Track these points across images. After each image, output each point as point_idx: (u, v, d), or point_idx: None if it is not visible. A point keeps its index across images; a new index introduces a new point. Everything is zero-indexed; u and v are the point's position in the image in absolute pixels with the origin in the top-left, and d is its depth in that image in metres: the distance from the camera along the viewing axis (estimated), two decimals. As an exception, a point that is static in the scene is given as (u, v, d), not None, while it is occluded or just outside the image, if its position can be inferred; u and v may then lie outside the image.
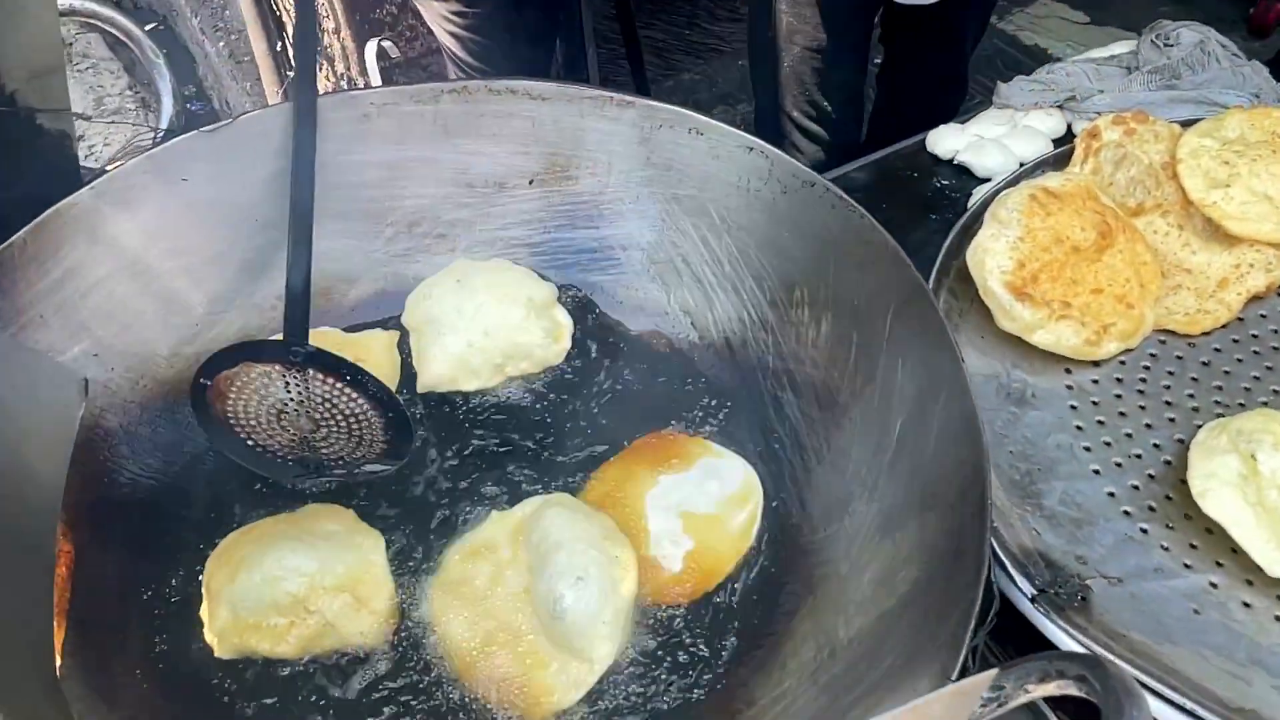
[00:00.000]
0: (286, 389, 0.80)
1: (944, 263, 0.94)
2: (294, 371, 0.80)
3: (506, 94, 0.97)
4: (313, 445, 0.82)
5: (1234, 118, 0.99)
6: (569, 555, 0.76)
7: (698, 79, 2.67)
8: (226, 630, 0.76)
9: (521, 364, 0.93)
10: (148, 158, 0.90)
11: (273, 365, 0.80)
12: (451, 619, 0.78)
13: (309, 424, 0.81)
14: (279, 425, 0.81)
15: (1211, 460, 0.78)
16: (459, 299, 0.92)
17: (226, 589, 0.77)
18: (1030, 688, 0.56)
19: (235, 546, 0.81)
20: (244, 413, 0.81)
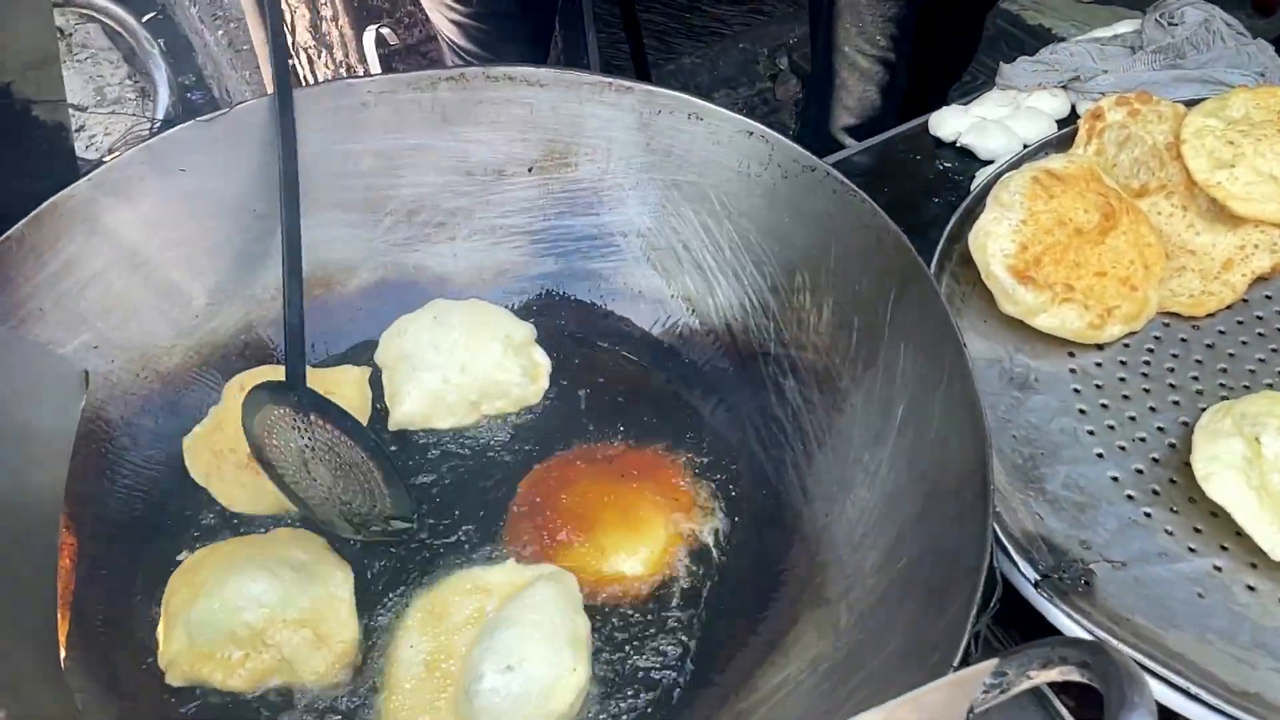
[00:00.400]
0: (300, 435, 0.78)
1: (946, 246, 0.93)
2: (301, 416, 0.78)
3: (504, 81, 0.96)
4: (342, 499, 0.79)
5: (1239, 97, 0.98)
6: (516, 638, 0.71)
7: (699, 63, 2.65)
8: (179, 657, 0.75)
9: (498, 402, 0.91)
10: (145, 148, 0.89)
11: (284, 409, 0.77)
12: (398, 677, 0.75)
13: (328, 475, 0.79)
14: (309, 475, 0.79)
15: (1215, 444, 0.78)
16: (435, 335, 0.90)
17: (184, 613, 0.75)
18: (1033, 674, 0.56)
19: (199, 567, 0.78)
20: (282, 460, 0.79)
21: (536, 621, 0.72)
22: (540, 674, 0.70)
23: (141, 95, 2.73)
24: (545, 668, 0.70)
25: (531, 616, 0.73)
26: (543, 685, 0.70)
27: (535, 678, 0.70)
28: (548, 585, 0.76)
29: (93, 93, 2.76)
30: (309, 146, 0.93)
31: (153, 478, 0.86)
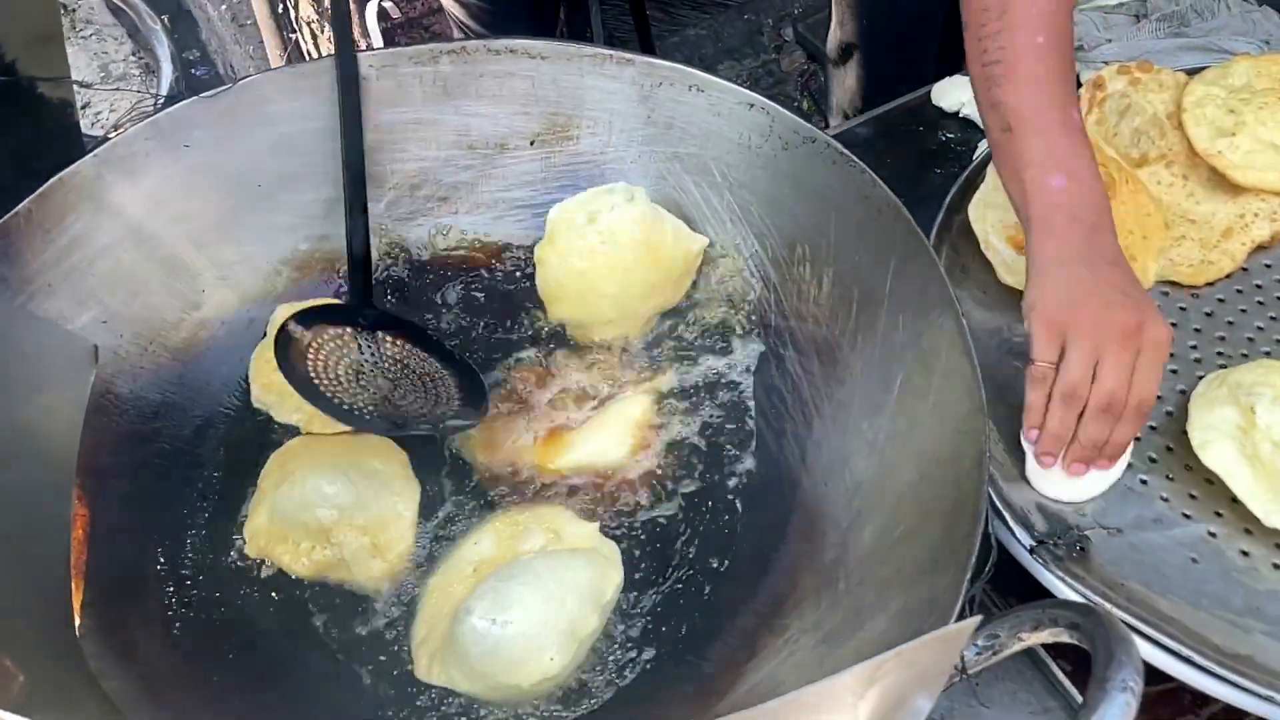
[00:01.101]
0: (360, 350, 0.84)
1: (946, 218, 0.94)
2: (364, 334, 0.84)
3: (506, 54, 0.96)
4: (394, 402, 0.84)
5: (1241, 65, 0.98)
6: (522, 597, 0.72)
7: (703, 34, 2.64)
8: (259, 531, 0.81)
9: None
10: (150, 124, 0.90)
11: (344, 328, 0.83)
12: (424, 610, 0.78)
13: (386, 383, 0.84)
14: (359, 385, 0.84)
15: (1211, 412, 0.78)
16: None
17: (271, 494, 0.82)
18: (1024, 635, 0.57)
19: (295, 454, 0.85)
20: (325, 373, 0.83)
21: (551, 595, 0.73)
22: (518, 646, 0.71)
23: (146, 72, 2.73)
24: (526, 644, 0.71)
25: (552, 586, 0.73)
26: (513, 656, 0.70)
27: (511, 643, 0.70)
28: (589, 567, 0.76)
29: (97, 69, 2.76)
30: (311, 122, 0.94)
31: (162, 450, 0.87)
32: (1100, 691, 0.48)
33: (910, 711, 0.40)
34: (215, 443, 0.89)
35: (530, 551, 0.79)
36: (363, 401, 0.83)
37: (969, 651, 0.58)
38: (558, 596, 0.73)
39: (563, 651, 0.72)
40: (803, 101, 2.42)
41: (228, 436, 0.89)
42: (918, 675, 0.38)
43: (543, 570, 0.75)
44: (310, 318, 0.84)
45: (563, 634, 0.72)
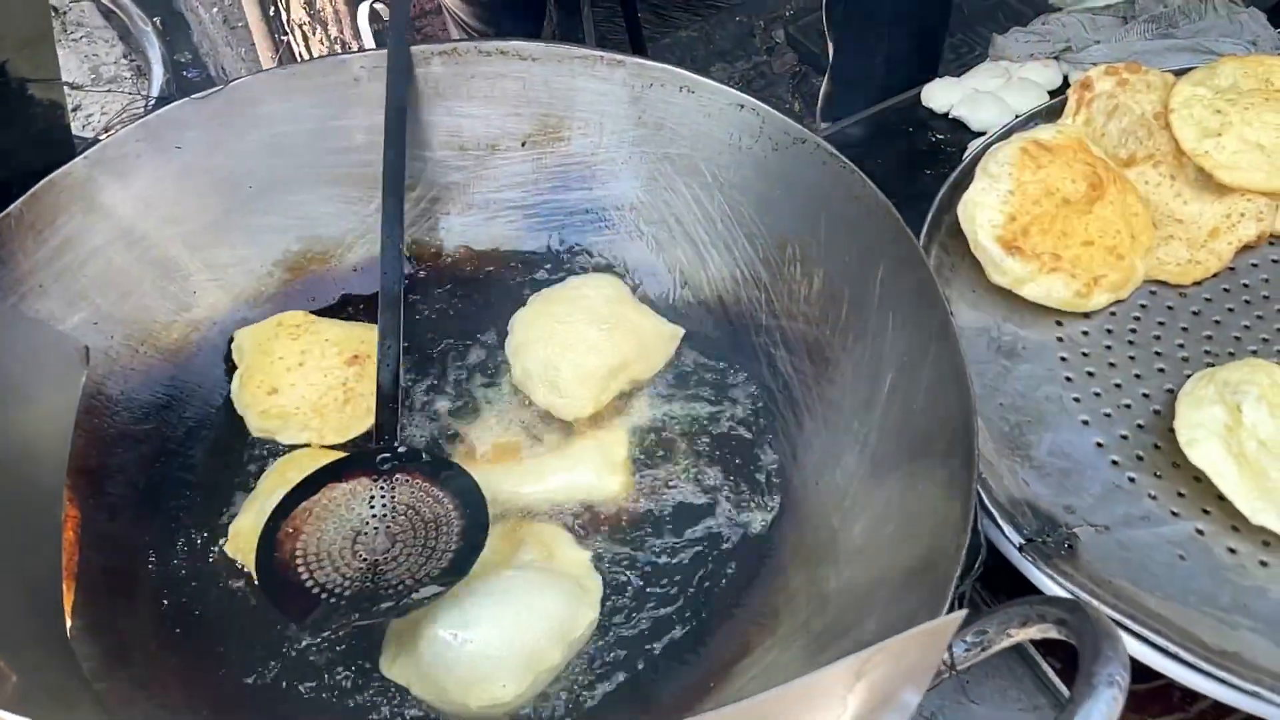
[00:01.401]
0: (370, 505, 0.75)
1: (935, 217, 0.94)
2: (380, 482, 0.76)
3: (496, 55, 0.96)
4: (379, 570, 0.73)
5: (1227, 66, 0.99)
6: (491, 619, 0.70)
7: (694, 36, 2.64)
8: (242, 532, 0.80)
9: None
10: (141, 125, 0.90)
11: (358, 480, 0.75)
12: None
13: (385, 542, 0.74)
14: (351, 552, 0.74)
15: (1198, 411, 0.79)
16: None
17: (264, 499, 0.79)
18: (1012, 632, 0.58)
19: (299, 464, 0.82)
20: (316, 546, 0.73)
21: (518, 620, 0.71)
22: (472, 665, 0.70)
23: (137, 74, 2.73)
24: (481, 665, 0.69)
25: (521, 612, 0.71)
26: (466, 674, 0.69)
27: (467, 661, 0.70)
28: (564, 599, 0.74)
29: (88, 72, 2.75)
30: (303, 123, 0.94)
31: (154, 451, 0.87)
32: (1087, 686, 0.48)
33: (898, 705, 0.40)
34: (207, 444, 0.89)
35: (518, 566, 0.77)
36: (341, 577, 0.73)
37: (958, 648, 0.59)
38: (525, 623, 0.71)
39: (517, 680, 0.70)
40: (794, 103, 2.43)
41: (219, 438, 0.89)
42: (906, 669, 0.38)
43: (517, 592, 0.73)
44: (318, 480, 0.76)
45: (521, 663, 0.70)
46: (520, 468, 0.85)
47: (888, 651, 0.35)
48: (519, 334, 0.90)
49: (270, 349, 0.90)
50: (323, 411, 0.87)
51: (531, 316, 0.91)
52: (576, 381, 0.86)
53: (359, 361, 0.89)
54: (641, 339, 0.89)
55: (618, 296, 0.91)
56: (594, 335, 0.87)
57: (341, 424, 0.87)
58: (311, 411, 0.87)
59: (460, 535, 0.74)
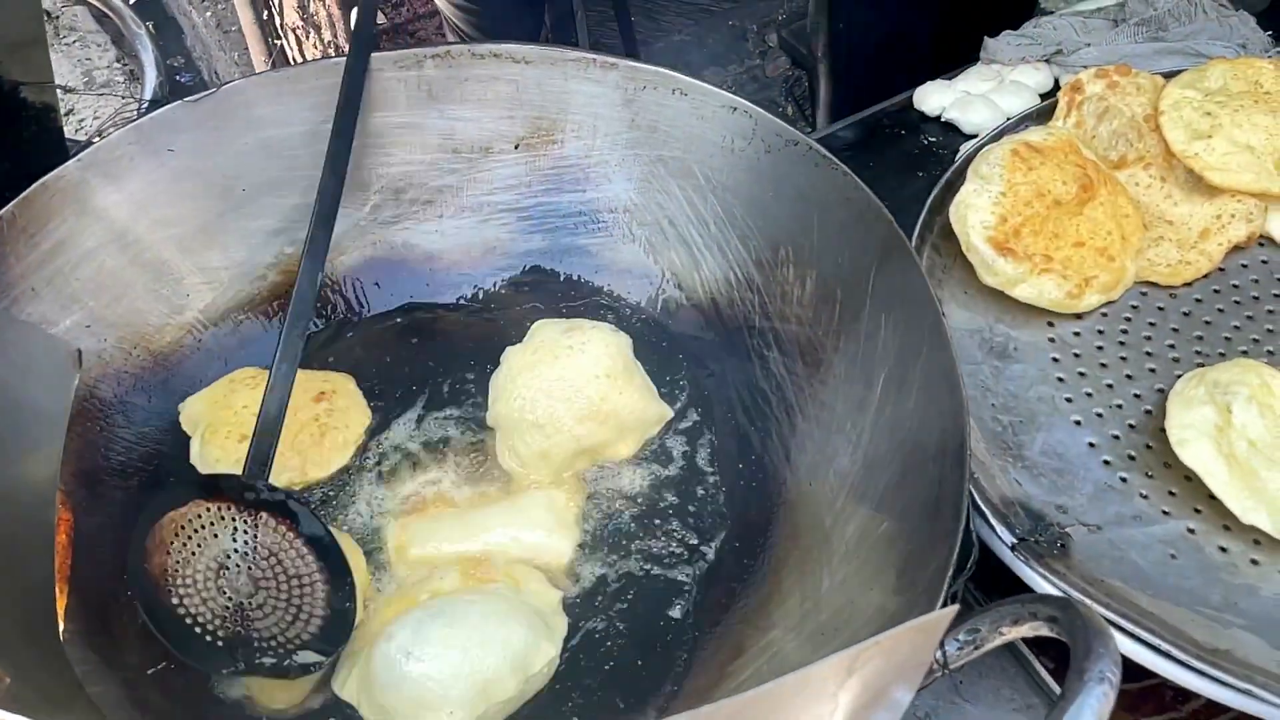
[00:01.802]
0: (233, 537, 0.72)
1: (927, 219, 0.94)
2: (245, 514, 0.72)
3: (490, 58, 0.97)
4: (247, 617, 0.73)
5: (1217, 68, 1.00)
6: (440, 641, 0.69)
7: (688, 40, 2.65)
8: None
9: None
10: (133, 129, 0.90)
11: (225, 504, 0.72)
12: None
13: (248, 585, 0.73)
14: (216, 586, 0.73)
15: (1189, 411, 0.79)
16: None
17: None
18: (1005, 630, 0.58)
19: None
20: (183, 566, 0.72)
21: (473, 646, 0.70)
22: (421, 688, 0.69)
23: (130, 78, 2.73)
24: (430, 688, 0.68)
25: (477, 638, 0.70)
26: (415, 696, 0.69)
27: (416, 682, 0.69)
28: (526, 631, 0.72)
29: (80, 76, 2.75)
30: (296, 126, 0.95)
31: (147, 454, 0.87)
32: (1078, 683, 0.48)
33: (890, 703, 0.41)
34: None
35: (481, 591, 0.76)
36: (210, 613, 0.73)
37: (950, 647, 0.59)
38: (480, 650, 0.69)
39: (465, 709, 0.68)
40: (787, 106, 2.44)
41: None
42: (897, 665, 0.38)
43: (475, 619, 0.71)
44: (186, 491, 0.73)
45: (472, 691, 0.69)
46: (464, 520, 0.83)
47: (879, 647, 0.36)
48: (503, 380, 0.87)
49: (230, 402, 0.87)
50: (301, 449, 0.85)
51: (519, 367, 0.86)
52: (538, 457, 0.84)
53: (325, 398, 0.88)
54: (622, 423, 0.85)
55: (614, 368, 0.85)
56: (569, 419, 0.83)
57: (321, 458, 0.86)
58: (290, 451, 0.84)
59: (326, 602, 0.73)
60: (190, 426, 0.88)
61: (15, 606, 0.72)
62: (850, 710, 0.38)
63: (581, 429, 0.83)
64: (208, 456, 0.85)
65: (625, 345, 0.88)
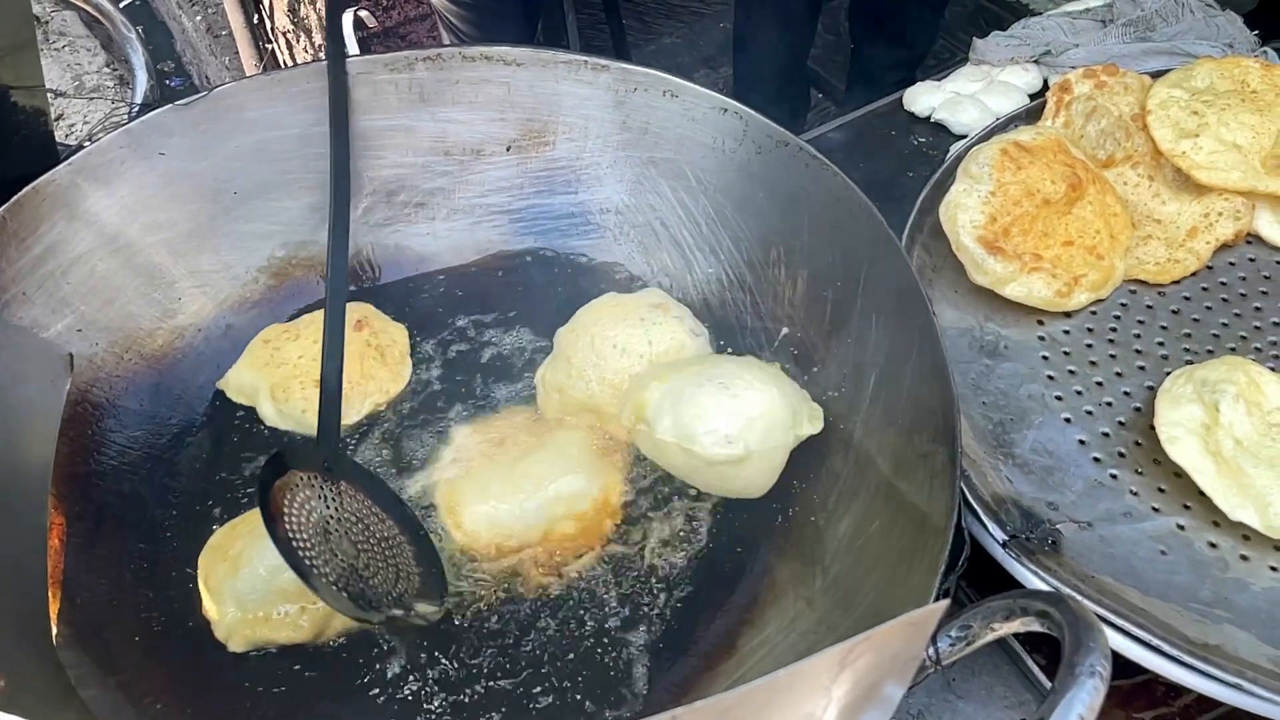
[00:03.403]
0: (326, 504, 0.76)
1: (917, 219, 0.95)
2: (329, 484, 0.76)
3: (481, 60, 0.97)
4: (360, 577, 0.75)
5: (1203, 68, 1.00)
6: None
7: (679, 42, 2.65)
8: (236, 627, 0.77)
9: None
10: (124, 132, 0.90)
11: (311, 473, 0.76)
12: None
13: (351, 549, 0.76)
14: (329, 548, 0.75)
15: (1177, 409, 0.80)
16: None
17: (229, 583, 0.77)
18: (996, 626, 0.58)
19: (228, 542, 0.80)
20: (299, 531, 0.75)
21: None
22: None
23: (120, 83, 2.73)
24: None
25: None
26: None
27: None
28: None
29: (71, 80, 2.74)
30: (287, 129, 0.95)
31: (139, 458, 0.87)
32: (1069, 677, 0.49)
33: (882, 698, 0.41)
34: (192, 450, 0.89)
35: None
36: (335, 572, 0.75)
37: (942, 643, 0.59)
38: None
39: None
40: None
41: (204, 444, 0.89)
42: (889, 659, 0.39)
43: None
44: (278, 462, 0.76)
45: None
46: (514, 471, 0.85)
47: (871, 641, 0.36)
48: (580, 312, 0.91)
49: (282, 359, 0.90)
50: (372, 373, 0.90)
51: (600, 310, 0.90)
52: (555, 389, 0.89)
53: (364, 325, 0.92)
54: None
55: (660, 358, 0.87)
56: (593, 376, 0.87)
57: (392, 377, 0.91)
58: (364, 378, 0.89)
59: (415, 558, 0.77)
60: (245, 396, 0.90)
61: (8, 610, 0.72)
62: (843, 705, 0.39)
63: (599, 389, 0.87)
64: (291, 412, 0.88)
65: (692, 347, 0.89)
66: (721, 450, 0.78)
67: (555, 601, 0.79)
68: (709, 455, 0.78)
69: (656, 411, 0.81)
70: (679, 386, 0.80)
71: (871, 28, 1.88)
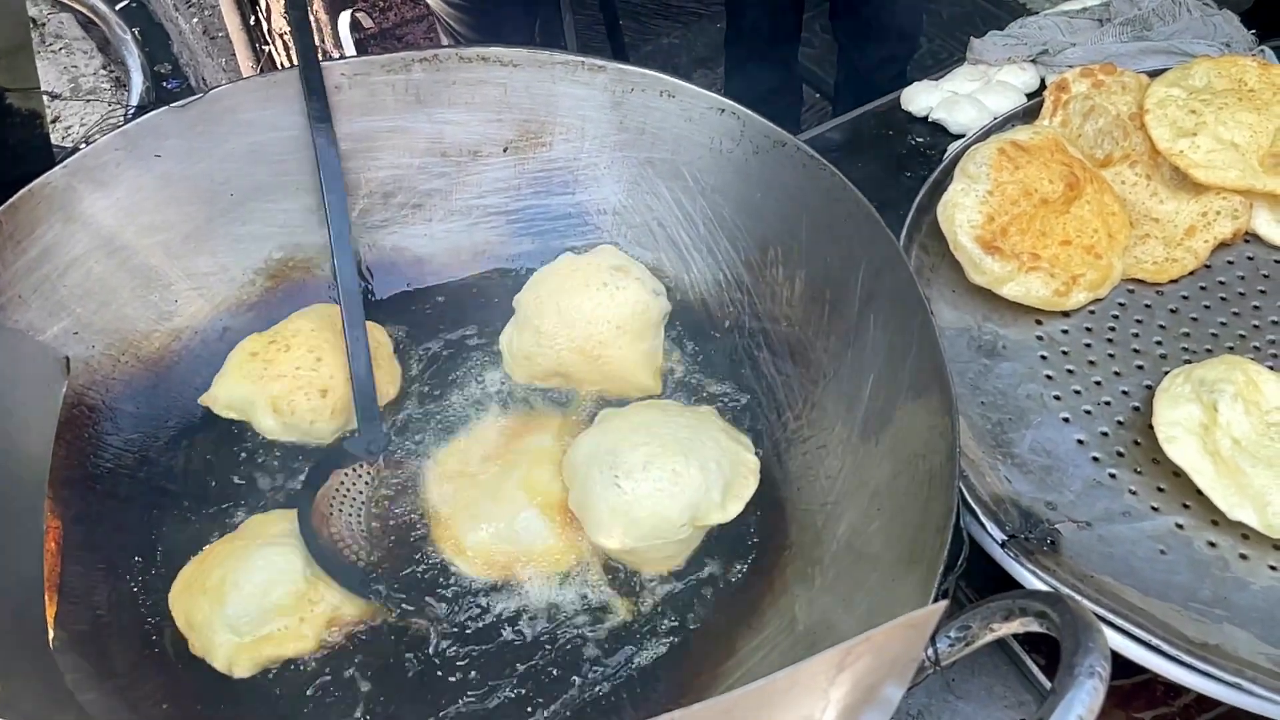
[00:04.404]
0: (367, 484, 0.84)
1: (915, 219, 0.95)
2: (370, 468, 0.85)
3: (477, 61, 0.97)
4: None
5: (1201, 67, 1.00)
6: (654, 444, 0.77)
7: (676, 43, 2.66)
8: (237, 654, 0.76)
9: None
10: (120, 134, 0.90)
11: (357, 464, 0.84)
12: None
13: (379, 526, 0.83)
14: (374, 524, 0.83)
15: (1176, 409, 0.80)
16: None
17: (218, 613, 0.76)
18: (995, 626, 0.58)
19: (201, 575, 0.78)
20: (347, 529, 0.82)
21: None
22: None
23: (116, 85, 2.72)
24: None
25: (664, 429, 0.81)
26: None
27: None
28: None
29: (67, 82, 2.74)
30: (283, 130, 0.94)
31: (136, 461, 0.87)
32: (1069, 677, 0.48)
33: (881, 699, 0.41)
34: (188, 453, 0.88)
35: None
36: (377, 547, 0.82)
37: (942, 643, 0.59)
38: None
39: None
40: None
41: (201, 447, 0.89)
42: (888, 661, 0.39)
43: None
44: (324, 469, 0.84)
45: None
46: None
47: (870, 643, 0.36)
48: (540, 275, 0.93)
49: (278, 371, 0.87)
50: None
51: (560, 273, 0.91)
52: (523, 357, 0.90)
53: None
54: (606, 373, 0.90)
55: (630, 324, 0.89)
56: (564, 341, 0.88)
57: (389, 379, 0.91)
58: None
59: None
60: (236, 410, 0.89)
61: (5, 614, 0.72)
62: (842, 707, 0.38)
63: (569, 356, 0.88)
64: (297, 424, 0.88)
65: (655, 309, 0.91)
66: (607, 542, 0.77)
67: (551, 607, 0.79)
68: (599, 543, 0.78)
69: (572, 478, 0.81)
70: (590, 464, 0.79)
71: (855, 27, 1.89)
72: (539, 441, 0.87)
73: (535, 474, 0.84)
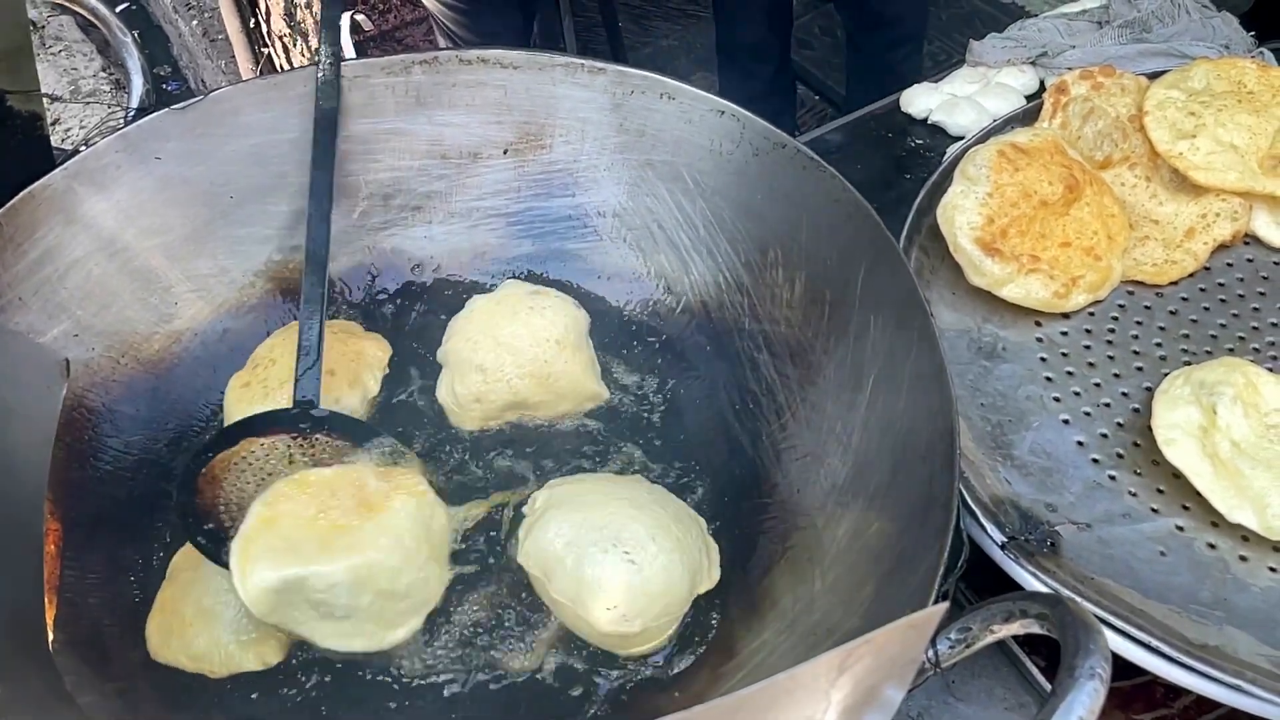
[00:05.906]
0: (289, 461, 0.80)
1: (915, 221, 0.95)
2: (299, 441, 0.80)
3: (477, 63, 0.97)
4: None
5: (1200, 69, 1.00)
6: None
7: (675, 45, 2.66)
8: (235, 653, 0.75)
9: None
10: (120, 137, 0.90)
11: (277, 437, 0.80)
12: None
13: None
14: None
15: (1175, 411, 0.80)
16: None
17: (211, 626, 0.76)
18: (995, 628, 0.58)
19: (185, 590, 0.78)
20: (235, 498, 0.78)
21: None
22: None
23: (116, 87, 2.72)
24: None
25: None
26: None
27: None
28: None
29: (67, 85, 2.74)
30: (283, 133, 0.95)
31: (135, 463, 0.87)
32: (1069, 679, 0.48)
33: (881, 701, 0.41)
34: (189, 456, 0.88)
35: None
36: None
37: (942, 645, 0.59)
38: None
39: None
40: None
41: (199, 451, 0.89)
42: (888, 662, 0.39)
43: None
44: (236, 433, 0.80)
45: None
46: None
47: (871, 644, 0.36)
48: (461, 321, 0.90)
49: (277, 379, 0.86)
50: (359, 351, 0.90)
51: (480, 312, 0.89)
52: (473, 399, 0.87)
53: (342, 339, 0.91)
54: (558, 390, 0.88)
55: (566, 338, 0.88)
56: (512, 371, 0.87)
57: (377, 346, 0.92)
58: (353, 386, 0.89)
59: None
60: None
61: (4, 617, 0.72)
62: (842, 709, 0.38)
63: (521, 383, 0.87)
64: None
65: (583, 321, 0.91)
66: (616, 627, 0.73)
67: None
68: (602, 629, 0.73)
69: (556, 564, 0.75)
70: (581, 543, 0.74)
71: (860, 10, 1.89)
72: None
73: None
